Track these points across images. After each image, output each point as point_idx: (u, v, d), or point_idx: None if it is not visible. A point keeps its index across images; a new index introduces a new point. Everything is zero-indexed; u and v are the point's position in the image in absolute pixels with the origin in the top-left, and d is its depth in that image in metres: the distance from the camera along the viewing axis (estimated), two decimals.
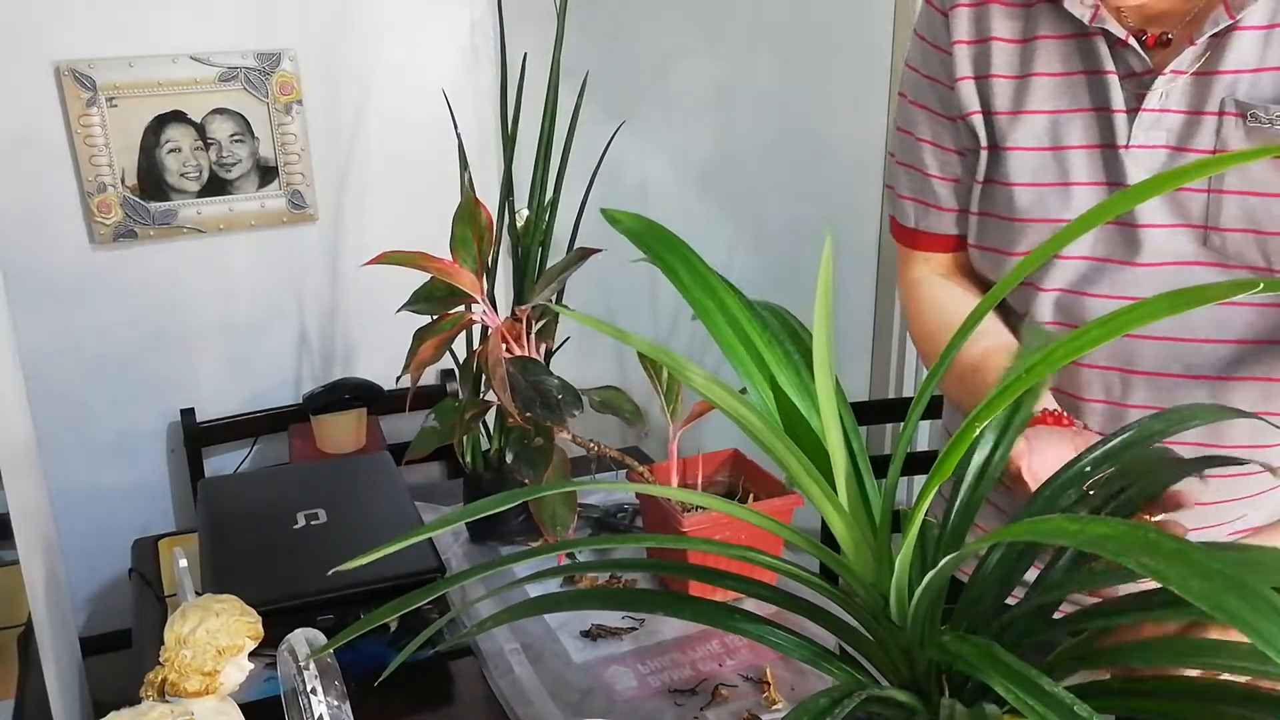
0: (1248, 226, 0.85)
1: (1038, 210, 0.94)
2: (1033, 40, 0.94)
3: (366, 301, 2.01)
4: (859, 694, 0.57)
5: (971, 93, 0.97)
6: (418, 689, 1.10)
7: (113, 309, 1.84)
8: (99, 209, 1.77)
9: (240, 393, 1.97)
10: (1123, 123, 0.89)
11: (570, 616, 1.20)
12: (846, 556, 0.62)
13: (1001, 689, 0.52)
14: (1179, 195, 0.87)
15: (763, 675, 1.07)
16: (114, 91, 1.73)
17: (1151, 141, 0.88)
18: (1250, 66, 0.83)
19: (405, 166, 1.97)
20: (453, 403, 1.26)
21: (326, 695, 0.74)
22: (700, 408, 1.21)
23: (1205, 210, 0.87)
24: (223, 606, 0.80)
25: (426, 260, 1.15)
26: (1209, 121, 0.85)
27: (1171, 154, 0.87)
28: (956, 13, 0.98)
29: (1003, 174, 0.96)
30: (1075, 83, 0.92)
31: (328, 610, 1.09)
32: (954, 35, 0.97)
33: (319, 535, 1.20)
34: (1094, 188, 0.91)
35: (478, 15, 1.96)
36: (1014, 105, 0.95)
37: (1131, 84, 0.89)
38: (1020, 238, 0.96)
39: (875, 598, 0.62)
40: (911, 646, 0.62)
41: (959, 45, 0.97)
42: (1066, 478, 0.71)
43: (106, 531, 1.88)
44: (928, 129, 1.03)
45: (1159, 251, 0.90)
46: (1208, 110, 0.85)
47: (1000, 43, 0.95)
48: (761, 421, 0.57)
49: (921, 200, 1.06)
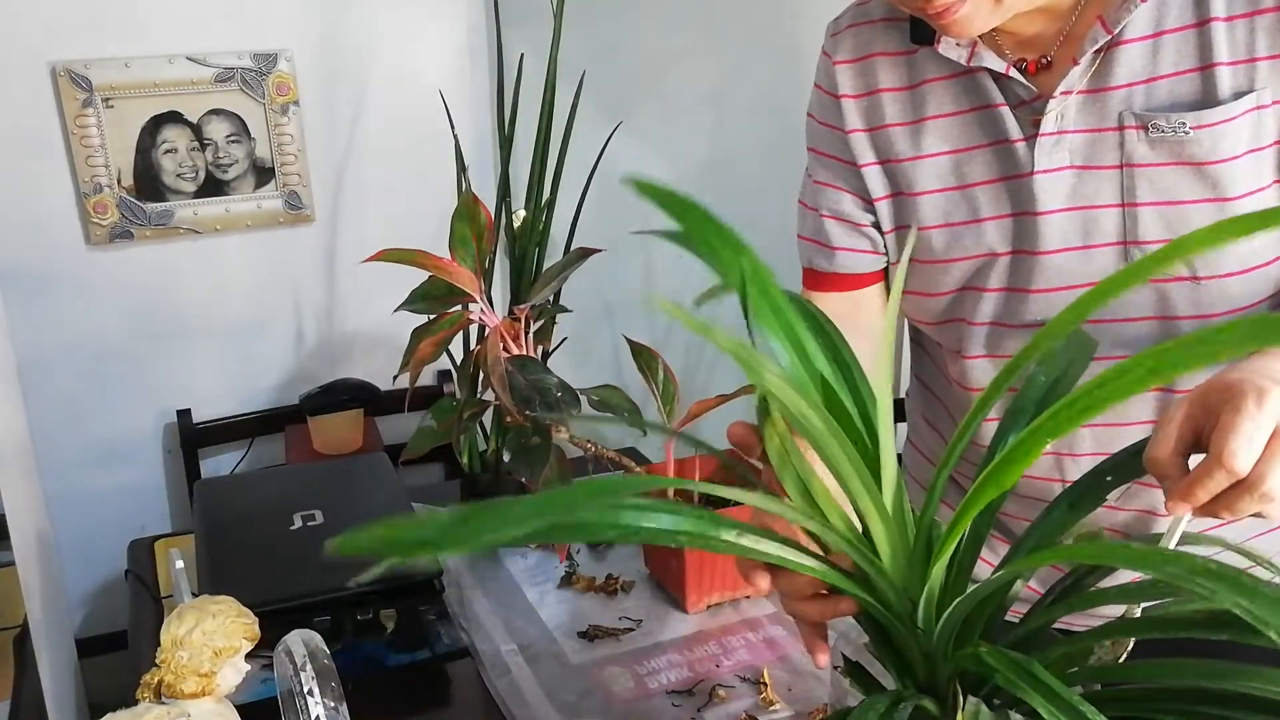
0: (1168, 237, 0.84)
1: (956, 250, 0.93)
2: (920, 85, 0.93)
3: (363, 302, 2.01)
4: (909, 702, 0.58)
5: (865, 145, 0.97)
6: (415, 690, 1.10)
7: (109, 310, 1.84)
8: (95, 210, 1.77)
9: (237, 393, 1.97)
10: (1024, 151, 0.88)
11: (568, 618, 1.20)
12: (883, 559, 0.61)
13: (1042, 709, 0.52)
14: (1092, 215, 0.86)
15: (760, 676, 1.07)
16: (110, 92, 1.73)
17: (1055, 164, 0.87)
18: (1142, 77, 0.83)
19: (402, 167, 1.97)
20: (450, 403, 1.26)
21: (324, 696, 0.74)
22: (697, 408, 1.21)
23: (1122, 227, 0.86)
24: (219, 608, 0.80)
25: (425, 258, 1.15)
26: (1110, 137, 0.84)
27: (1077, 174, 0.86)
28: (841, 68, 0.98)
29: (914, 219, 0.95)
30: (969, 120, 0.91)
31: (325, 611, 1.09)
32: (841, 90, 0.98)
33: (316, 536, 1.19)
34: (1004, 220, 0.91)
35: (474, 16, 1.96)
36: (913, 151, 0.94)
37: (1025, 111, 0.88)
38: (943, 278, 0.95)
39: (905, 603, 0.62)
40: (934, 653, 0.62)
41: (846, 100, 0.97)
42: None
43: (102, 533, 1.88)
44: (828, 173, 1.03)
45: (1084, 274, 0.88)
46: (1108, 126, 0.84)
47: (889, 93, 0.95)
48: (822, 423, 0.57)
49: (818, 241, 1.05)
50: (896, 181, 0.96)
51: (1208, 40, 0.81)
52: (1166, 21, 0.82)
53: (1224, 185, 0.81)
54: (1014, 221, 0.90)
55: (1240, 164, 0.81)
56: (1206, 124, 0.80)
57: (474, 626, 1.18)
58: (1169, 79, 0.82)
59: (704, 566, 1.18)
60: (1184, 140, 0.81)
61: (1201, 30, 0.81)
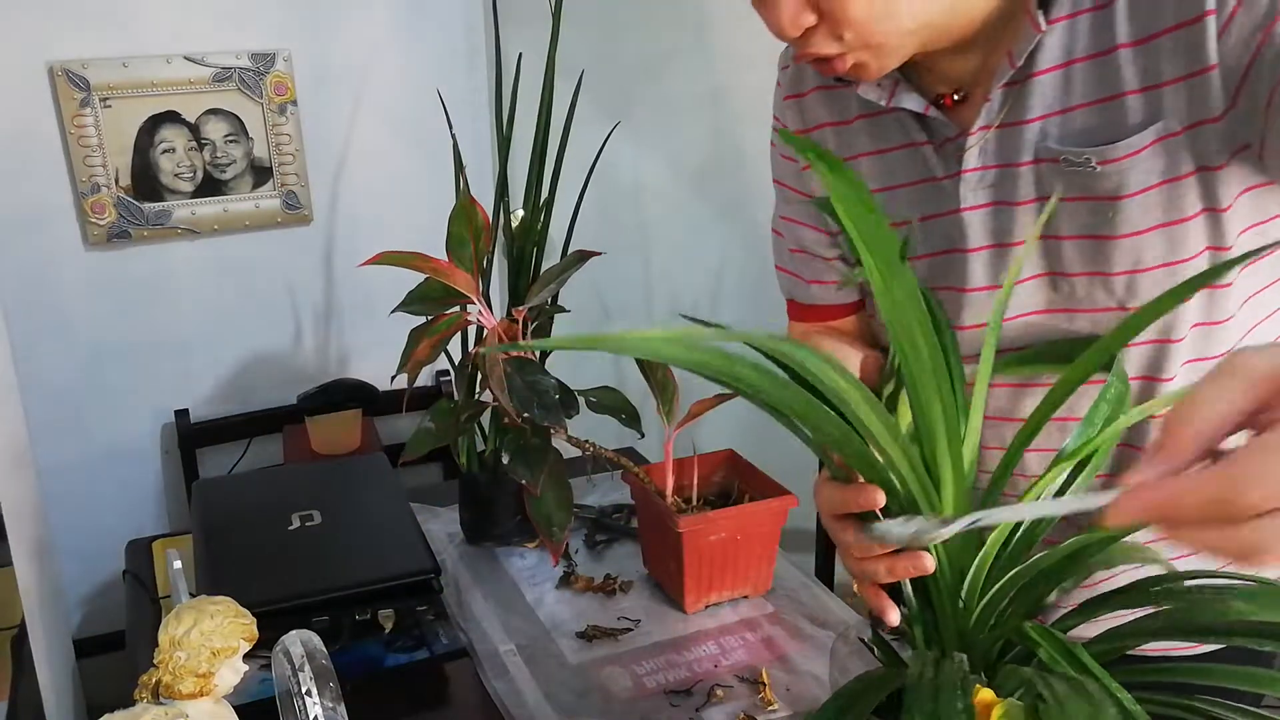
0: (1091, 270, 0.83)
1: None
2: (854, 120, 0.93)
3: (361, 302, 2.01)
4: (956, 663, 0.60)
5: (816, 177, 0.97)
6: (413, 691, 1.10)
7: (107, 310, 1.83)
8: (93, 210, 1.77)
9: (235, 394, 1.96)
10: (950, 188, 0.87)
11: (566, 618, 1.20)
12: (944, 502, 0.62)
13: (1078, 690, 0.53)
14: (1017, 250, 0.85)
15: (758, 676, 1.07)
16: (108, 92, 1.73)
17: (979, 201, 0.86)
18: (1055, 109, 0.80)
19: (400, 167, 1.97)
20: (448, 404, 1.26)
21: (321, 697, 0.74)
22: (697, 408, 1.21)
23: (1045, 260, 0.85)
24: (217, 608, 0.79)
25: (422, 261, 1.15)
26: (1026, 172, 0.83)
27: (997, 209, 0.85)
28: (788, 102, 0.99)
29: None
30: (898, 157, 0.91)
31: (323, 612, 1.09)
32: (789, 123, 0.99)
33: (314, 537, 1.19)
34: (937, 257, 0.90)
35: (472, 16, 1.95)
36: (874, 182, 0.94)
37: (949, 148, 0.87)
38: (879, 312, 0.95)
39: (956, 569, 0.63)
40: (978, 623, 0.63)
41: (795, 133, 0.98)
42: None
43: (100, 533, 1.88)
44: (790, 207, 1.04)
45: (1016, 306, 0.88)
46: (1023, 161, 0.83)
47: (829, 127, 0.96)
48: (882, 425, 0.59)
49: (791, 273, 1.06)
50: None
51: (1115, 68, 0.77)
52: (1076, 50, 0.78)
53: (1138, 219, 0.79)
54: (945, 258, 0.90)
55: (1153, 196, 0.78)
56: (1112, 159, 0.77)
57: (472, 627, 1.18)
58: (1082, 110, 0.79)
59: (702, 567, 1.18)
60: (1093, 175, 0.78)
61: (1109, 58, 0.77)
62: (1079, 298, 0.85)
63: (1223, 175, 0.76)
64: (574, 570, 1.29)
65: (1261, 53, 0.69)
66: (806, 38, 0.78)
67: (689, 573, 1.17)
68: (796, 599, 1.23)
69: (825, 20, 0.76)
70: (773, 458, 1.27)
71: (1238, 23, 0.70)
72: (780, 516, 1.20)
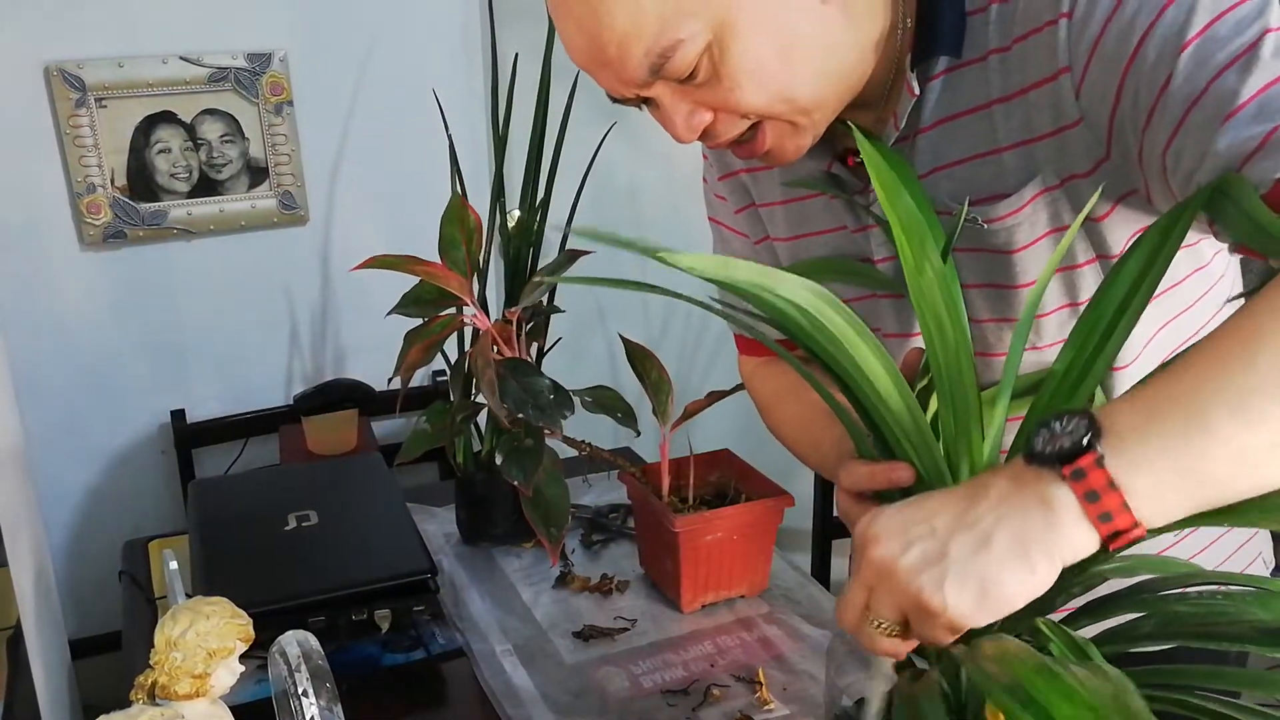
0: (997, 317, 0.84)
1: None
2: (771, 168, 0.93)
3: (358, 302, 2.00)
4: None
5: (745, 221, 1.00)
6: (410, 690, 1.10)
7: (102, 310, 1.83)
8: (88, 210, 1.76)
9: (230, 394, 1.96)
10: (861, 240, 0.88)
11: (562, 618, 1.20)
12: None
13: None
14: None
15: (755, 676, 1.08)
16: (103, 92, 1.72)
17: (890, 253, 0.86)
18: (942, 163, 0.79)
19: (396, 167, 1.96)
20: (444, 405, 1.26)
21: (318, 697, 0.74)
22: (692, 407, 1.22)
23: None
24: (213, 609, 0.80)
25: (415, 264, 1.15)
26: None
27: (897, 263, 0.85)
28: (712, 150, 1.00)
29: None
30: (810, 207, 0.91)
31: (319, 612, 1.09)
32: (716, 166, 1.01)
33: (310, 537, 1.19)
34: (864, 300, 0.91)
35: (468, 15, 1.95)
36: (774, 231, 0.96)
37: (859, 200, 0.87)
38: None
39: None
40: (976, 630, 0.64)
41: (721, 182, 1.00)
42: None
43: (96, 533, 1.88)
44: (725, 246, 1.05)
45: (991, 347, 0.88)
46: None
47: (745, 174, 0.97)
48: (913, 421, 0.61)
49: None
50: (776, 257, 0.98)
51: (990, 123, 0.76)
52: (957, 105, 0.77)
53: (1033, 270, 0.79)
54: (868, 302, 0.91)
55: (1043, 246, 0.78)
56: (997, 218, 0.77)
57: (469, 627, 1.19)
58: (965, 164, 0.78)
59: (699, 566, 1.18)
60: (982, 231, 0.79)
61: (985, 113, 0.76)
62: (990, 343, 0.86)
63: (1108, 224, 0.76)
64: (570, 570, 1.29)
65: (1120, 105, 0.67)
66: (709, 132, 0.76)
67: (685, 572, 1.17)
68: (793, 598, 1.23)
69: (721, 112, 0.74)
70: (768, 457, 1.27)
71: (1091, 77, 0.68)
72: (777, 516, 1.20)
